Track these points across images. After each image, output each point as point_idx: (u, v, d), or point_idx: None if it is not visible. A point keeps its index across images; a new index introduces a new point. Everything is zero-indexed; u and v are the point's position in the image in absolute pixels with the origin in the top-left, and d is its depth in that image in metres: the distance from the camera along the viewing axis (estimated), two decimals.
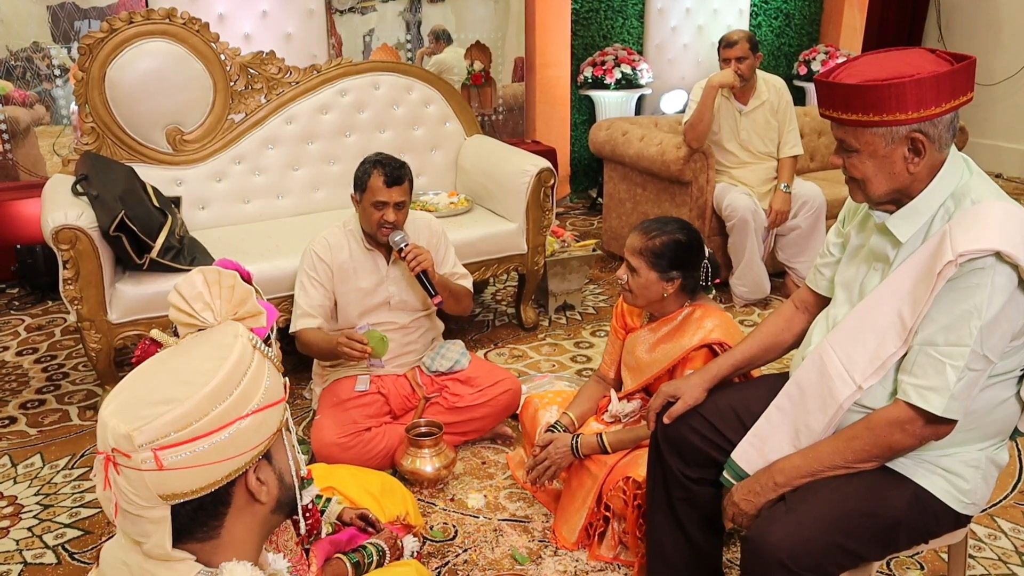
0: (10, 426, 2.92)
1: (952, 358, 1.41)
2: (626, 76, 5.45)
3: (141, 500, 0.96)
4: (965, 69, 1.44)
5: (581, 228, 5.20)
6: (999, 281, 1.38)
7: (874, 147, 1.47)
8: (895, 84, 1.40)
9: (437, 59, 5.26)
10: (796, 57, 6.33)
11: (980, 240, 1.38)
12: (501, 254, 3.47)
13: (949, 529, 1.60)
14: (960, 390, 1.42)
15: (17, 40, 4.26)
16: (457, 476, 2.59)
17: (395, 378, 2.75)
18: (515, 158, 3.55)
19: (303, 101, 3.55)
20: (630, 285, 2.21)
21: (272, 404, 1.04)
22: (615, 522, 2.20)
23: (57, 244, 2.69)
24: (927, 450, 1.54)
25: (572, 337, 3.64)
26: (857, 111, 1.45)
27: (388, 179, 2.57)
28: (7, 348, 3.56)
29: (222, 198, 3.47)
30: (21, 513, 2.44)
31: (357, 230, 2.71)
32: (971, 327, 1.39)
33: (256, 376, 1.02)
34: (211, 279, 1.10)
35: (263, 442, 1.03)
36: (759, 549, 1.49)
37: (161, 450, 0.93)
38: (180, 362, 1.04)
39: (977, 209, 1.45)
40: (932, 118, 1.43)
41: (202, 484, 0.98)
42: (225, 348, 1.02)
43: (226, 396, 0.98)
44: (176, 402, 0.95)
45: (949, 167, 1.50)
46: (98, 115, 3.20)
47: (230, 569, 1.02)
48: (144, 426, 0.94)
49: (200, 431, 0.95)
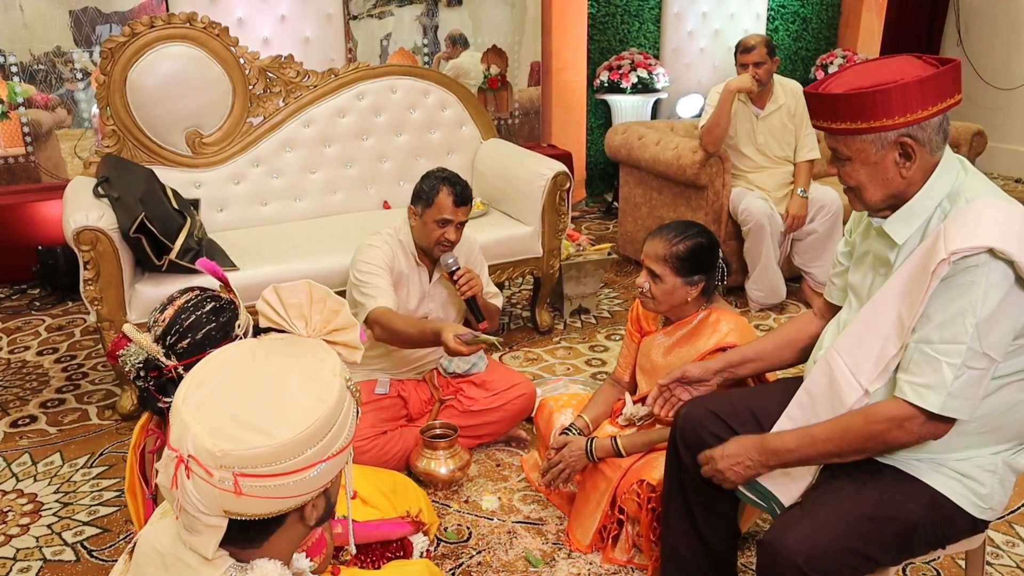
0: (30, 424, 2.96)
1: (948, 355, 1.41)
2: (642, 80, 5.45)
3: (204, 508, 0.97)
4: (949, 72, 1.45)
5: (597, 232, 5.20)
6: (994, 278, 1.38)
7: (865, 154, 1.49)
8: (880, 91, 1.42)
9: (454, 63, 5.29)
10: (813, 61, 6.31)
11: (973, 238, 1.38)
12: (517, 257, 3.48)
13: (966, 534, 1.59)
14: (959, 388, 1.41)
15: (40, 44, 4.31)
16: (471, 478, 2.60)
17: (416, 383, 2.76)
18: (531, 162, 3.56)
19: (321, 104, 3.58)
20: (652, 292, 2.19)
21: (348, 446, 1.06)
22: (629, 525, 2.20)
23: (78, 245, 2.72)
24: (943, 454, 1.53)
25: (587, 341, 3.64)
26: (846, 120, 1.47)
27: (458, 198, 2.53)
28: (28, 348, 3.61)
29: (240, 200, 3.50)
30: (41, 511, 2.46)
31: (409, 242, 2.65)
32: (966, 324, 1.39)
33: (345, 418, 1.04)
34: (316, 296, 1.11)
35: (332, 479, 1.05)
36: (775, 553, 1.49)
37: (243, 477, 0.94)
38: (273, 378, 1.04)
39: (971, 207, 1.45)
40: (919, 122, 1.45)
41: (269, 511, 0.99)
42: (325, 387, 1.03)
43: (319, 440, 0.99)
44: (269, 436, 0.95)
45: (943, 168, 1.51)
46: (119, 118, 3.24)
47: (260, 566, 1.03)
48: (233, 451, 0.94)
49: (286, 469, 0.96)
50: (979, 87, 6.86)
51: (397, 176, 3.80)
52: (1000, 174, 6.77)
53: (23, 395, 3.18)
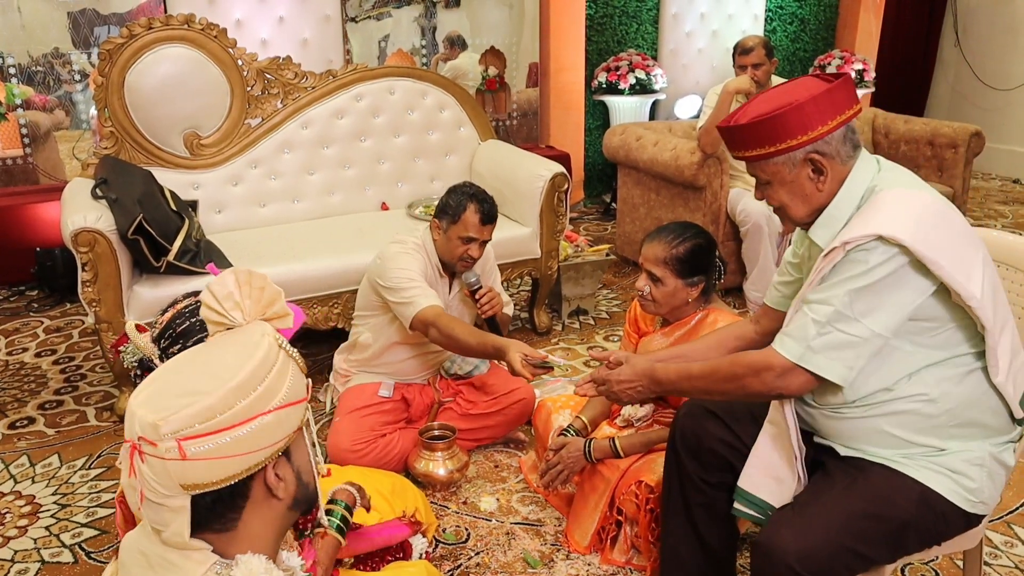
0: (29, 426, 2.96)
1: (816, 313, 1.48)
2: (640, 81, 5.45)
3: (163, 489, 0.99)
4: (841, 86, 1.53)
5: (595, 233, 5.20)
6: (877, 257, 1.43)
7: (781, 175, 1.57)
8: (779, 114, 1.50)
9: (452, 64, 5.29)
10: (811, 62, 6.32)
11: (866, 227, 1.45)
12: (515, 258, 3.48)
13: (960, 530, 1.59)
14: (821, 344, 1.47)
15: (38, 46, 4.31)
16: (470, 479, 2.60)
17: (421, 387, 2.76)
18: (529, 163, 3.57)
19: (319, 106, 3.58)
20: (654, 295, 2.18)
21: (294, 403, 1.06)
22: (627, 526, 2.20)
23: (76, 246, 2.72)
24: (935, 452, 1.55)
25: (585, 342, 3.65)
26: (755, 147, 1.56)
27: (485, 216, 2.49)
28: (26, 349, 3.60)
29: (239, 202, 3.50)
30: (39, 512, 2.46)
31: (433, 254, 2.60)
32: (841, 289, 1.46)
33: (280, 374, 1.05)
34: (242, 279, 1.13)
35: (283, 439, 1.05)
36: (768, 554, 1.49)
37: (185, 440, 0.96)
38: (208, 357, 1.08)
39: (875, 199, 1.53)
40: (822, 137, 1.52)
41: (222, 476, 1.00)
42: (252, 346, 1.05)
43: (250, 391, 1.00)
44: (202, 394, 0.98)
45: (857, 171, 1.57)
46: (117, 119, 3.24)
47: (245, 561, 1.04)
48: (170, 416, 0.97)
49: (223, 424, 0.98)
50: (977, 88, 6.88)
51: (395, 177, 3.80)
52: (998, 174, 6.78)
53: (21, 397, 3.18)
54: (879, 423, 1.56)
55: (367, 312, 2.67)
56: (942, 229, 1.47)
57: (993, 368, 1.50)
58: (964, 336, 1.52)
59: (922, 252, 1.41)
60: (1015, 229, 5.28)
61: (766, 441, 1.68)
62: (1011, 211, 5.78)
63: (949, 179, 4.62)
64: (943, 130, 4.64)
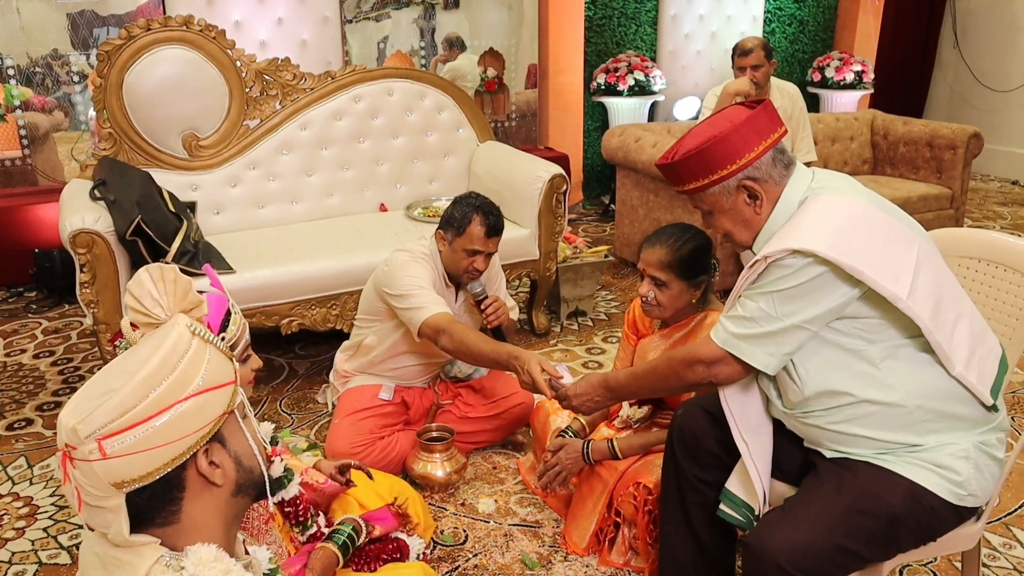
0: (27, 428, 2.96)
1: (744, 308, 1.57)
2: (639, 83, 5.46)
3: (96, 491, 0.99)
4: (761, 113, 1.58)
5: (594, 235, 5.20)
6: (792, 268, 1.50)
7: (720, 204, 1.64)
8: (706, 148, 1.57)
9: (451, 66, 5.29)
10: (810, 64, 6.32)
11: (783, 241, 1.52)
12: (513, 260, 3.48)
13: (952, 524, 1.59)
14: (746, 334, 1.56)
15: (37, 47, 4.32)
16: (468, 481, 2.60)
17: (421, 390, 2.76)
18: (527, 164, 3.57)
19: (318, 107, 3.58)
20: (658, 300, 2.15)
21: (214, 387, 1.05)
22: (626, 528, 2.20)
23: (74, 248, 2.72)
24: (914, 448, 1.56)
25: (584, 343, 3.64)
26: (691, 180, 1.62)
27: (490, 229, 2.45)
28: (24, 351, 3.60)
29: (237, 203, 3.50)
30: (36, 514, 2.46)
31: (439, 264, 2.56)
32: (766, 291, 1.54)
33: (195, 360, 1.03)
34: (155, 275, 1.14)
35: (207, 425, 1.04)
36: (758, 554, 1.50)
37: (104, 439, 0.96)
38: (127, 356, 1.07)
39: (802, 209, 1.58)
40: (751, 164, 1.58)
41: (149, 469, 0.99)
42: (161, 336, 1.05)
43: (160, 381, 0.99)
44: (113, 391, 0.98)
45: (790, 188, 1.62)
46: (116, 121, 3.24)
47: (194, 551, 1.03)
48: (86, 418, 0.97)
49: (138, 417, 0.97)
50: (976, 89, 6.88)
51: (394, 179, 3.80)
52: (997, 176, 6.79)
53: (19, 398, 3.17)
54: (848, 427, 1.58)
55: (370, 317, 2.65)
56: (863, 234, 1.51)
57: (947, 362, 1.53)
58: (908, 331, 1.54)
59: (839, 260, 1.46)
60: (1014, 230, 5.28)
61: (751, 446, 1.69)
62: (1010, 212, 5.78)
63: (948, 180, 4.62)
64: (942, 131, 4.64)
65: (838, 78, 6.03)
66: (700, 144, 1.58)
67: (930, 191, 4.54)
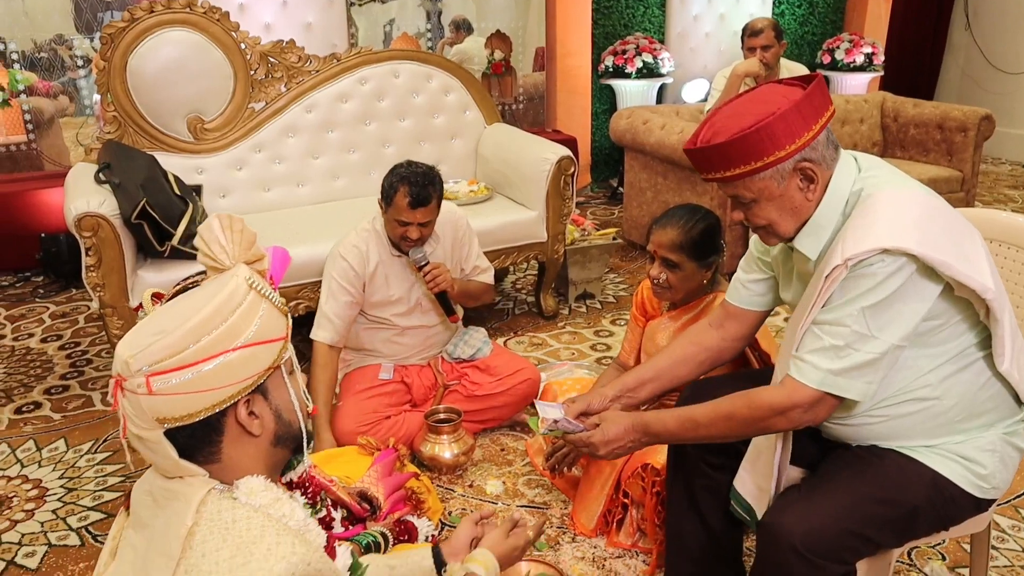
0: (35, 411, 2.96)
1: (832, 336, 1.41)
2: (647, 65, 5.42)
3: (140, 422, 1.03)
4: (816, 88, 1.44)
5: (602, 218, 5.18)
6: (884, 271, 1.37)
7: (769, 191, 1.47)
8: (763, 126, 1.40)
9: (458, 48, 5.26)
10: (820, 45, 6.26)
11: (866, 240, 1.37)
12: (521, 242, 3.46)
13: (970, 514, 1.58)
14: (842, 368, 1.41)
15: (41, 32, 4.30)
16: (476, 462, 2.59)
17: (419, 368, 2.75)
18: (535, 146, 3.54)
19: (323, 89, 3.56)
20: (670, 282, 2.13)
21: (264, 341, 1.07)
22: (633, 509, 2.19)
23: (80, 231, 2.71)
24: (943, 437, 1.52)
25: (592, 325, 3.63)
26: (739, 164, 1.44)
27: (413, 200, 2.43)
28: (32, 335, 3.61)
29: (243, 186, 3.49)
30: (46, 496, 2.47)
31: (384, 233, 2.60)
32: (853, 308, 1.39)
33: (248, 312, 1.06)
34: (224, 223, 1.16)
35: (251, 376, 1.06)
36: (772, 535, 1.48)
37: (152, 376, 1.00)
38: (185, 301, 1.11)
39: (867, 205, 1.44)
40: (809, 144, 1.44)
41: (190, 411, 1.02)
42: (219, 285, 1.08)
43: (212, 329, 1.02)
44: (167, 332, 1.01)
45: (838, 175, 1.49)
46: (120, 104, 3.23)
47: (245, 482, 1.08)
48: (138, 353, 1.00)
49: (186, 360, 1.00)
50: (987, 71, 6.82)
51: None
52: (1008, 159, 6.73)
53: (27, 382, 3.18)
54: (887, 428, 1.53)
55: None
56: (942, 226, 1.41)
57: (1000, 357, 1.47)
58: (966, 327, 1.48)
59: (930, 256, 1.35)
60: None
61: (757, 447, 1.66)
62: (1020, 195, 5.73)
63: (958, 163, 4.58)
64: (953, 114, 4.59)
65: (848, 60, 5.97)
66: (755, 122, 1.41)
67: (940, 174, 4.50)
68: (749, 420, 1.51)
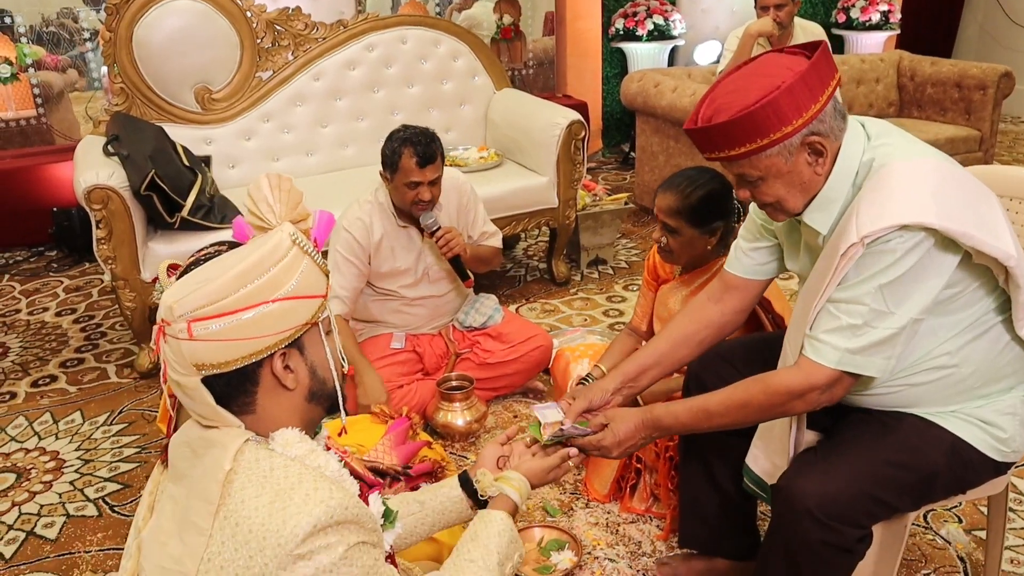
0: (51, 384, 2.98)
1: (849, 314, 1.37)
2: (658, 27, 5.33)
3: (179, 367, 1.05)
4: (822, 56, 1.37)
5: (613, 183, 5.13)
6: (902, 248, 1.33)
7: (776, 168, 1.41)
8: (769, 102, 1.34)
9: (467, 14, 5.20)
10: (835, 3, 6.14)
11: (883, 217, 1.32)
12: (532, 208, 3.44)
13: (988, 478, 1.56)
14: (860, 346, 1.37)
15: (49, 6, 4.27)
16: (488, 430, 2.60)
17: (431, 337, 2.75)
18: (545, 111, 3.50)
19: (330, 57, 3.53)
20: (671, 246, 2.11)
21: (304, 296, 1.10)
22: (647, 475, 2.19)
23: (89, 204, 2.71)
24: (962, 403, 1.50)
25: (604, 291, 3.61)
26: (743, 142, 1.38)
27: (421, 159, 2.43)
28: (47, 309, 3.63)
29: (252, 156, 3.48)
30: (63, 468, 2.49)
31: (388, 204, 2.59)
32: (870, 286, 1.35)
33: (289, 267, 1.08)
34: (273, 183, 1.19)
35: (289, 329, 1.08)
36: (788, 499, 1.46)
37: (193, 322, 1.03)
38: (232, 253, 1.14)
39: (880, 177, 1.39)
40: (817, 116, 1.37)
41: (227, 359, 1.05)
42: (264, 239, 1.11)
43: (253, 279, 1.05)
44: (209, 280, 1.05)
45: (846, 145, 1.43)
46: (127, 75, 3.21)
47: (280, 434, 1.10)
48: (182, 298, 1.04)
49: (226, 308, 1.03)
50: (1007, 27, 6.67)
51: None
52: None
53: (43, 355, 3.20)
54: (904, 397, 1.51)
55: None
56: (959, 195, 1.36)
57: (1020, 321, 1.44)
58: (983, 293, 1.45)
59: (950, 228, 1.31)
60: None
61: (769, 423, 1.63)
62: None
63: (977, 122, 4.50)
64: (971, 71, 4.50)
65: (864, 18, 5.85)
66: (759, 98, 1.34)
67: (958, 133, 4.42)
68: (766, 406, 1.48)
